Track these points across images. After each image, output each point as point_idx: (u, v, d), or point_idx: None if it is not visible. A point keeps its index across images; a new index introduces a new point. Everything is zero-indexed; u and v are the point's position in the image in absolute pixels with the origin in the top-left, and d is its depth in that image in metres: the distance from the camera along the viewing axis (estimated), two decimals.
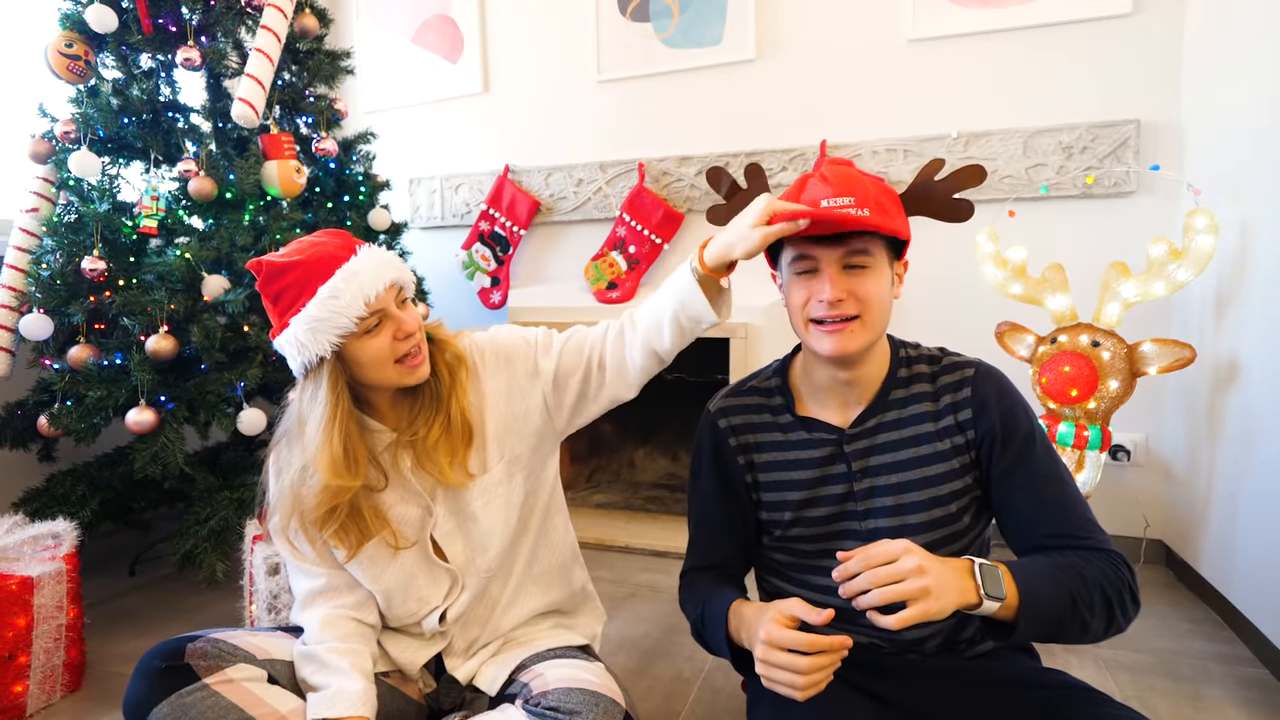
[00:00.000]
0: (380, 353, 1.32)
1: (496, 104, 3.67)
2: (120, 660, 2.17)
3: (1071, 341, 2.35)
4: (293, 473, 1.35)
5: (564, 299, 3.49)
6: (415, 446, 1.42)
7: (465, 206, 3.75)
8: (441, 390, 1.44)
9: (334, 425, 1.31)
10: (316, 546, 1.41)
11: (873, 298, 1.19)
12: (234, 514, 2.41)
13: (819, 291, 1.19)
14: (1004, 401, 1.22)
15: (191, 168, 2.49)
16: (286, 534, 1.39)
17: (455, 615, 1.46)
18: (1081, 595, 1.06)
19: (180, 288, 2.43)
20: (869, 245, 1.18)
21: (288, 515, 1.36)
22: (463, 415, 1.43)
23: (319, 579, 1.43)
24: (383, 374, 1.35)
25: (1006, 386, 1.25)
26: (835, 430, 1.29)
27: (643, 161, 3.31)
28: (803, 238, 1.20)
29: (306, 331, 1.29)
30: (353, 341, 1.31)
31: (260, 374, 2.49)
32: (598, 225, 3.48)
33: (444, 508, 1.45)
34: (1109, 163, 2.65)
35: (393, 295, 1.34)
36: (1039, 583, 1.06)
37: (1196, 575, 2.44)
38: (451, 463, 1.41)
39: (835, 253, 1.19)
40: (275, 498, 1.38)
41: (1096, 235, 2.69)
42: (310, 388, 1.35)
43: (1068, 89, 2.72)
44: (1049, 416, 2.41)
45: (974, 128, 2.83)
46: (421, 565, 1.45)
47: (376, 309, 1.31)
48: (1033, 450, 1.20)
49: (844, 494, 1.28)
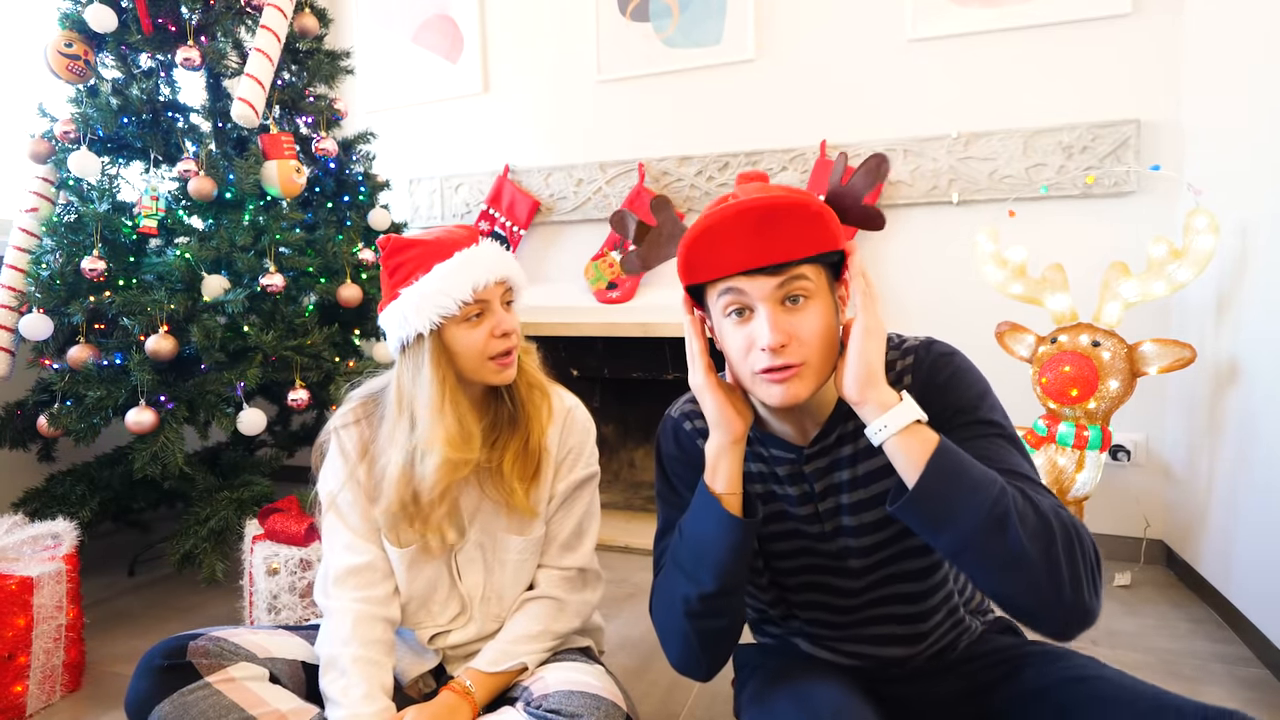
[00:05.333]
0: (476, 344, 1.34)
1: (496, 104, 3.67)
2: (120, 660, 2.18)
3: (1072, 341, 2.36)
4: (403, 452, 1.35)
5: (564, 299, 3.50)
6: (486, 466, 1.43)
7: (465, 206, 3.75)
8: (519, 414, 1.45)
9: (444, 399, 1.33)
10: (370, 524, 1.41)
11: (818, 338, 1.05)
12: (234, 514, 2.41)
13: (759, 337, 1.05)
14: (940, 377, 1.12)
15: (191, 168, 2.49)
16: (390, 511, 1.37)
17: (457, 642, 1.48)
18: (1016, 501, 0.95)
19: (180, 288, 2.43)
20: (806, 272, 1.04)
21: (399, 497, 1.36)
22: (539, 446, 1.45)
23: (363, 555, 1.41)
24: (474, 366, 1.36)
25: (945, 364, 1.14)
26: (794, 449, 1.20)
27: (643, 161, 3.31)
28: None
29: (412, 306, 1.32)
30: (452, 326, 1.34)
31: (260, 374, 2.50)
32: (598, 225, 3.48)
33: (478, 534, 1.47)
34: (1109, 162, 2.65)
35: (499, 292, 1.37)
36: (967, 456, 0.98)
37: (1197, 575, 2.44)
38: (524, 488, 1.43)
39: (768, 285, 1.04)
40: (381, 480, 1.38)
41: (1097, 235, 2.70)
42: (410, 366, 1.36)
43: (1068, 89, 2.73)
44: (1049, 417, 2.42)
45: (974, 128, 2.83)
46: (443, 580, 1.47)
47: (482, 298, 1.33)
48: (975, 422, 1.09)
49: (809, 515, 1.22)
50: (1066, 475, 2.36)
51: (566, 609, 1.50)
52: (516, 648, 1.41)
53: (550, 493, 1.50)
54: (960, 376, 1.12)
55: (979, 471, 0.96)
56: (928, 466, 0.96)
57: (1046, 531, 0.94)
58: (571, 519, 1.53)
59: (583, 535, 1.55)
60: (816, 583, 1.25)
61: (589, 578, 1.56)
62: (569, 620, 1.49)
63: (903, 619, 1.23)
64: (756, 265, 1.03)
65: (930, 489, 0.96)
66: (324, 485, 1.45)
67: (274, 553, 2.11)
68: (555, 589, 1.50)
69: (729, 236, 1.03)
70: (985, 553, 0.94)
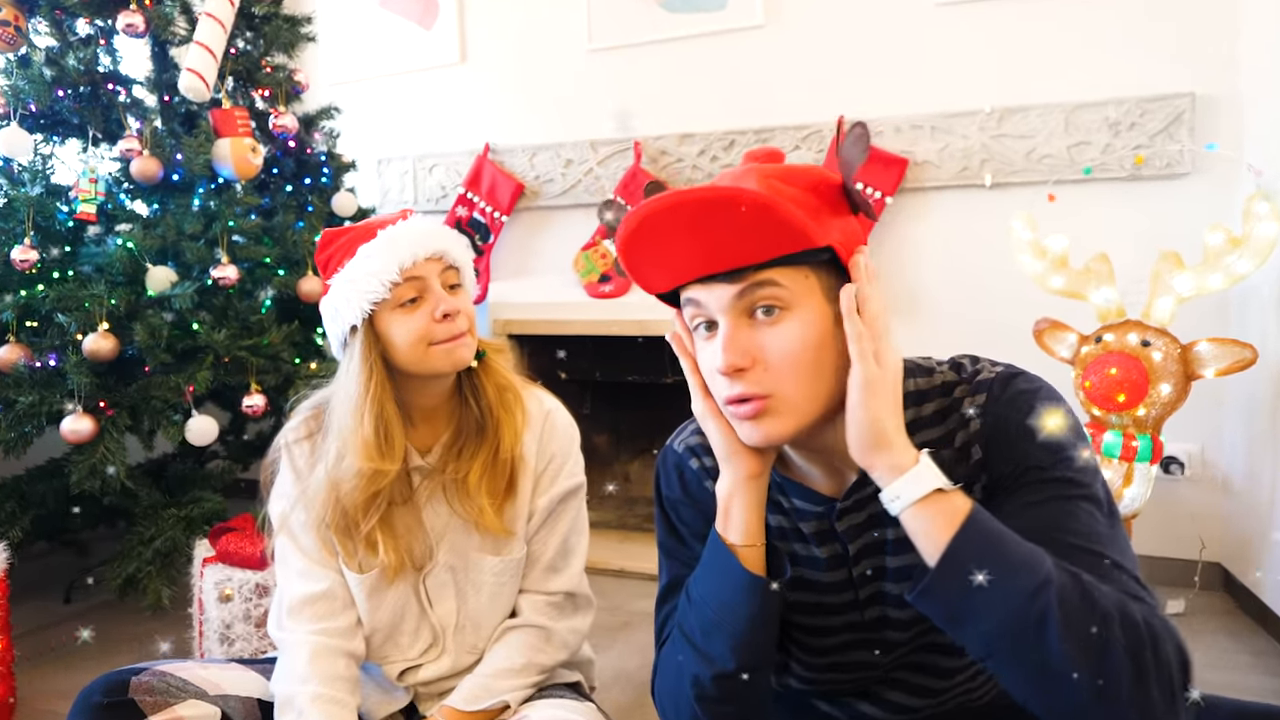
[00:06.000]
0: (414, 332, 1.33)
1: (475, 75, 3.68)
2: (54, 697, 2.19)
3: (1118, 341, 2.38)
4: (329, 457, 1.36)
5: (551, 293, 3.52)
6: (452, 480, 1.44)
7: (440, 190, 3.77)
8: (487, 420, 1.45)
9: (365, 401, 1.33)
10: (327, 547, 1.42)
11: (790, 361, 0.92)
12: (182, 534, 2.42)
13: (714, 358, 0.94)
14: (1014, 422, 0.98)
15: (134, 146, 2.50)
16: (319, 525, 1.38)
17: (430, 678, 1.48)
18: (1065, 594, 0.82)
19: (122, 280, 2.44)
20: (775, 277, 0.91)
21: (325, 505, 1.36)
22: (511, 456, 1.44)
23: (320, 582, 1.41)
24: (416, 356, 1.35)
25: (1022, 404, 0.99)
26: (823, 501, 1.06)
27: (639, 140, 3.33)
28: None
29: (342, 296, 1.34)
30: (385, 313, 1.34)
31: (211, 377, 2.50)
32: (589, 211, 3.49)
33: (447, 555, 1.46)
34: (1160, 141, 2.67)
35: (436, 269, 1.36)
36: (1007, 534, 0.87)
37: (1259, 603, 2.46)
38: (494, 505, 1.42)
39: (725, 294, 0.92)
40: (312, 488, 1.39)
41: (1146, 222, 2.70)
42: (345, 362, 1.38)
43: (1115, 58, 2.73)
44: (1093, 425, 2.44)
45: (1009, 101, 2.85)
46: (411, 609, 1.47)
47: (413, 275, 1.33)
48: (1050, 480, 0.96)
49: (839, 582, 1.09)
50: (1113, 491, 2.38)
51: (553, 639, 1.49)
52: (497, 683, 1.41)
53: (529, 509, 1.49)
54: (1041, 420, 0.98)
55: (1019, 555, 0.85)
56: (949, 547, 0.86)
57: (1102, 637, 0.81)
58: (556, 537, 1.52)
59: (569, 555, 1.54)
60: (839, 662, 1.15)
61: (578, 603, 1.56)
62: (555, 651, 1.49)
63: (925, 681, 1.15)
64: (705, 272, 0.93)
65: (949, 576, 0.85)
66: (275, 506, 1.45)
67: (227, 577, 2.13)
68: (540, 616, 1.50)
69: (669, 237, 0.93)
70: (1016, 659, 0.83)
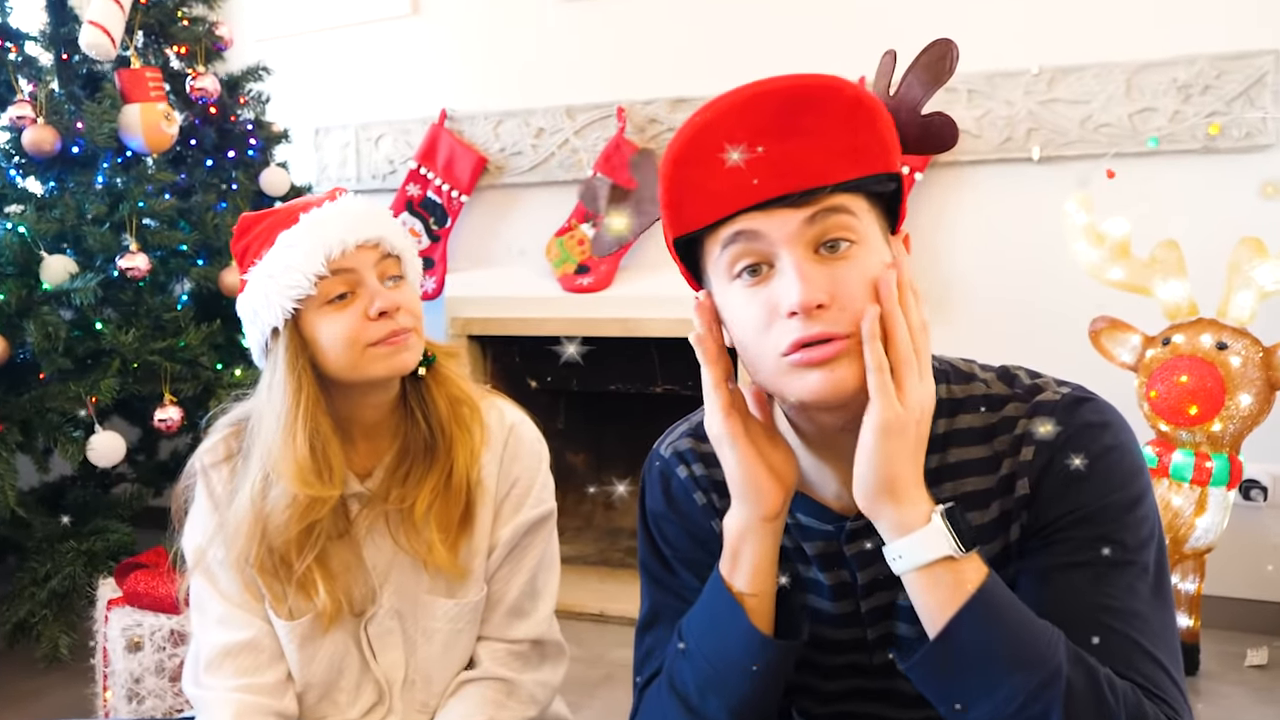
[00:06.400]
0: (345, 332, 1.30)
1: (429, 29, 3.67)
2: None
3: (1190, 343, 2.36)
4: (252, 485, 1.33)
5: (519, 286, 3.50)
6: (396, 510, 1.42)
7: (389, 164, 3.76)
8: (437, 439, 1.42)
9: (297, 417, 1.30)
10: (250, 589, 1.39)
11: (867, 305, 0.89)
12: (82, 571, 2.40)
13: (783, 298, 0.89)
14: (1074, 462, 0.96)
15: (26, 113, 2.48)
16: (241, 564, 1.35)
17: None
18: (1073, 688, 0.84)
19: (11, 271, 2.43)
20: (848, 204, 0.89)
21: (250, 541, 1.33)
22: (465, 480, 1.42)
23: (243, 631, 1.39)
24: (349, 361, 1.31)
25: (1089, 441, 0.97)
26: (833, 519, 1.05)
27: (623, 105, 3.32)
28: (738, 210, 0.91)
29: (260, 293, 1.30)
30: (311, 312, 1.31)
31: (118, 385, 2.48)
32: (564, 189, 3.48)
33: (392, 599, 1.45)
34: (1238, 107, 2.66)
35: (371, 259, 1.34)
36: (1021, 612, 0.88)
37: None
38: (446, 540, 1.40)
39: (793, 221, 0.88)
40: (233, 520, 1.35)
41: (1223, 202, 2.70)
42: (268, 372, 1.35)
43: (1185, 9, 2.73)
44: (1160, 442, 2.43)
45: (1060, 61, 2.84)
46: (352, 660, 1.45)
47: (343, 267, 1.30)
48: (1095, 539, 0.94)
49: (845, 614, 1.08)
50: (1183, 520, 2.36)
51: (517, 693, 1.48)
52: None
53: (489, 543, 1.47)
54: (1105, 464, 0.96)
55: (1028, 642, 0.86)
56: (949, 625, 0.86)
57: None
58: (521, 575, 1.50)
59: (537, 596, 1.53)
60: (845, 712, 1.15)
61: (547, 651, 1.55)
62: (521, 708, 1.48)
63: None
64: (771, 194, 0.88)
65: (945, 656, 0.87)
66: (189, 541, 1.43)
67: (136, 622, 2.11)
68: (501, 668, 1.48)
69: (734, 146, 0.88)
70: None
